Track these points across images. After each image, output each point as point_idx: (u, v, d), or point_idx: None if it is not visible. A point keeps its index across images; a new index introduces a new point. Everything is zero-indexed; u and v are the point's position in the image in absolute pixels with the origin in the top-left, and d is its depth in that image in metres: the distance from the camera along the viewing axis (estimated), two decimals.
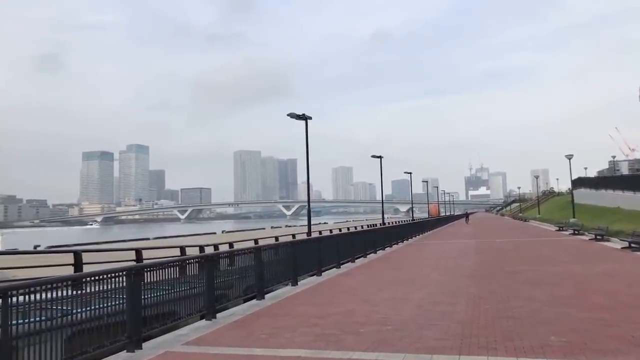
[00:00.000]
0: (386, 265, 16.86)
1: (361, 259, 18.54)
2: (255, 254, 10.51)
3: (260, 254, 10.56)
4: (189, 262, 8.56)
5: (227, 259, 9.78)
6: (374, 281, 12.66)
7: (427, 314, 8.29)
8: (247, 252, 10.38)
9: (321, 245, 14.69)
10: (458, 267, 15.34)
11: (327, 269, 14.96)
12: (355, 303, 9.50)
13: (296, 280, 12.25)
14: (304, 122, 23.68)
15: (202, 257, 8.89)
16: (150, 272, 7.19)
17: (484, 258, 17.99)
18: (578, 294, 9.79)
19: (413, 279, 12.87)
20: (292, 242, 12.79)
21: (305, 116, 23.66)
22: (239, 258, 10.18)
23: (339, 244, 16.54)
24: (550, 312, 8.05)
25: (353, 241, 18.48)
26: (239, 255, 10.21)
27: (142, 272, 6.95)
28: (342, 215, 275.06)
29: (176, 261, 8.16)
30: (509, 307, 8.57)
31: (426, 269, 14.93)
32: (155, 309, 7.04)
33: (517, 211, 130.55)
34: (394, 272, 14.70)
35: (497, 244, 25.88)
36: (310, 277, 13.51)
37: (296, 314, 8.68)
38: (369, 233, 22.92)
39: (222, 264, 9.52)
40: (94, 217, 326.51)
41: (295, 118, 23.81)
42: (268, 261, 11.03)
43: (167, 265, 7.69)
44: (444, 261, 17.29)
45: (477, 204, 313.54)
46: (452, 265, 15.78)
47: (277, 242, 13.17)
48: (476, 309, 8.53)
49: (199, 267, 8.53)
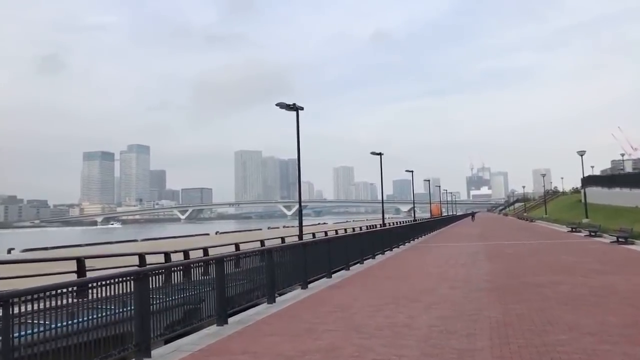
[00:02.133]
0: (386, 274, 14.53)
1: (357, 266, 16.25)
2: (216, 266, 8.21)
3: (222, 266, 8.26)
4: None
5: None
6: (370, 297, 10.33)
7: (439, 354, 5.98)
8: (198, 266, 8.06)
9: (308, 252, 12.38)
10: (470, 277, 13.02)
11: (316, 279, 12.67)
12: (342, 332, 7.20)
13: (273, 297, 9.96)
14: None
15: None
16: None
17: (498, 265, 15.66)
18: (638, 319, 7.47)
19: (418, 294, 10.54)
20: (270, 249, 10.48)
21: (296, 106, 21.37)
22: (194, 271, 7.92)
23: (331, 249, 14.22)
24: (616, 353, 5.73)
25: (347, 245, 16.15)
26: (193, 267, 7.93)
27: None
28: (343, 215, 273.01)
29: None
30: (550, 343, 6.25)
31: (433, 280, 12.61)
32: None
33: (521, 211, 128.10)
34: (395, 284, 12.37)
35: (508, 247, 23.54)
36: (293, 291, 11.22)
37: (260, 350, 6.39)
38: (366, 235, 20.56)
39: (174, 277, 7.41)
40: (94, 217, 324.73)
41: (285, 108, 21.53)
42: (233, 274, 8.74)
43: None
44: (452, 269, 14.96)
45: (478, 203, 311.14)
46: (463, 275, 13.46)
47: (245, 251, 10.84)
48: (505, 346, 6.21)
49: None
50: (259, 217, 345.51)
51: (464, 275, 13.40)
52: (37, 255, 27.14)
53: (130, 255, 14.13)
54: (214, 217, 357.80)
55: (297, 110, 21.56)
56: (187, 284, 7.70)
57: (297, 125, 21.21)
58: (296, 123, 21.35)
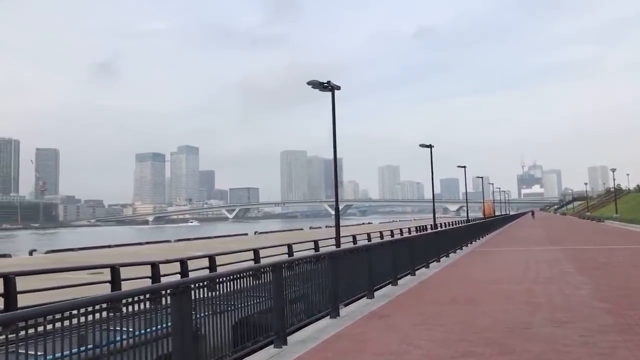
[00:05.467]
0: (448, 294, 10.77)
1: (407, 279, 12.64)
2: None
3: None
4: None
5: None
6: (432, 339, 6.69)
7: None
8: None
9: (340, 265, 8.92)
10: (572, 301, 9.12)
11: (351, 301, 9.24)
12: None
13: (281, 337, 6.56)
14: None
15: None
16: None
17: (602, 282, 11.55)
18: None
19: (507, 335, 6.81)
20: (280, 265, 7.05)
21: (332, 85, 17.96)
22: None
23: (373, 260, 10.62)
24: None
25: (395, 253, 12.38)
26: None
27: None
28: (388, 215, 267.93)
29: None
30: None
31: (519, 306, 8.78)
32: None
33: (582, 210, 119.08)
34: (465, 312, 8.60)
35: (596, 253, 19.14)
36: (317, 322, 7.79)
37: None
38: (418, 240, 16.62)
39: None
40: (146, 216, 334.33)
41: (319, 88, 18.17)
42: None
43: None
44: (539, 287, 11.02)
45: (530, 203, 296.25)
46: (559, 298, 9.55)
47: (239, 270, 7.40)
48: None
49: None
50: (305, 216, 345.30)
51: (562, 298, 9.50)
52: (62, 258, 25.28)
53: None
54: (260, 216, 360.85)
55: (332, 90, 18.16)
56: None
57: (332, 106, 17.82)
58: (332, 104, 17.95)
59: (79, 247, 30.65)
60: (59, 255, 26.58)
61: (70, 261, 22.60)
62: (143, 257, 19.41)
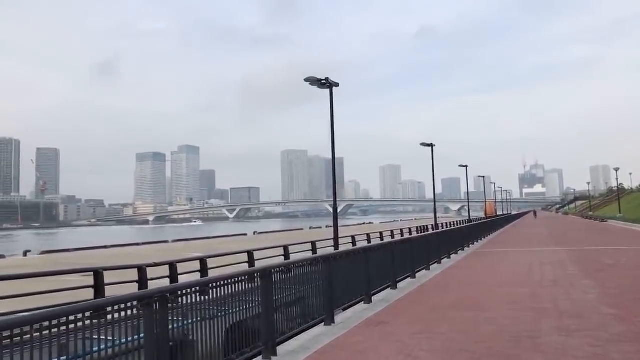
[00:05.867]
0: (449, 299, 10.34)
1: (407, 282, 12.20)
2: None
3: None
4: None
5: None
6: (432, 351, 6.28)
7: None
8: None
9: (334, 269, 8.48)
10: (580, 306, 8.65)
11: (348, 306, 8.80)
12: None
13: (270, 348, 6.12)
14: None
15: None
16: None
17: (610, 285, 11.05)
18: None
19: (512, 345, 6.34)
20: (270, 270, 6.61)
21: (330, 81, 17.50)
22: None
23: (371, 263, 10.20)
24: None
25: (394, 255, 11.90)
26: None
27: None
28: (390, 215, 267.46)
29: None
30: None
31: (524, 312, 8.31)
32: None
33: (584, 209, 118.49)
34: (468, 320, 8.15)
35: (602, 255, 18.68)
36: (310, 330, 7.35)
37: None
38: (418, 241, 16.17)
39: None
40: (147, 216, 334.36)
41: (317, 85, 17.73)
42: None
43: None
44: (545, 291, 10.54)
45: (532, 202, 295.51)
46: (566, 303, 9.08)
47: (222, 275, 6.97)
48: None
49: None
50: (306, 215, 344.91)
51: (569, 304, 9.04)
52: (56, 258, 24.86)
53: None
54: (261, 216, 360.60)
55: (330, 87, 17.71)
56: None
57: (331, 103, 17.36)
58: (330, 101, 17.50)
59: (75, 248, 30.22)
60: (53, 256, 26.15)
61: (64, 262, 22.19)
62: (140, 258, 18.99)
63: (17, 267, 18.44)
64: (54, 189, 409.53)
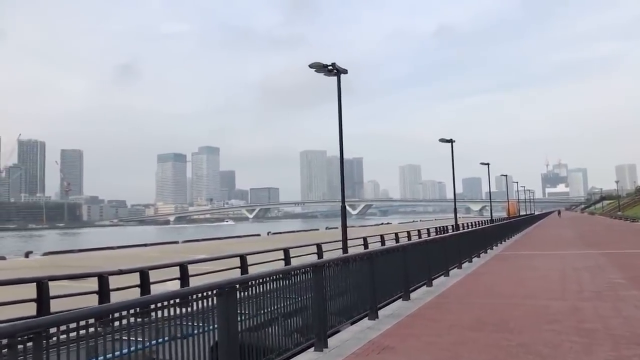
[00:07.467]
0: (472, 317, 8.63)
1: (422, 290, 10.55)
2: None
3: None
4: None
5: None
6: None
7: None
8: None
9: (331, 279, 6.93)
10: (636, 330, 6.89)
11: (352, 322, 7.22)
12: None
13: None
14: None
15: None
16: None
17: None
18: None
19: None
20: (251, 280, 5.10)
21: (337, 68, 15.90)
22: None
23: (377, 270, 8.60)
24: None
25: (407, 260, 10.25)
26: None
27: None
28: (409, 215, 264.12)
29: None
30: None
31: (568, 337, 6.59)
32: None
33: (612, 209, 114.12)
34: (496, 346, 6.51)
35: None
36: (299, 355, 5.80)
37: None
38: (434, 244, 14.34)
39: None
40: (168, 216, 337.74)
41: (324, 72, 16.16)
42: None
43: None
44: (587, 304, 8.76)
45: (555, 202, 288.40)
46: (617, 325, 7.29)
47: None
48: None
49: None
50: (325, 216, 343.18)
51: (622, 323, 7.27)
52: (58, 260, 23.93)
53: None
54: (280, 216, 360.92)
55: (338, 74, 16.14)
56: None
57: (338, 91, 15.79)
58: (337, 89, 15.93)
59: (79, 249, 29.32)
60: (56, 258, 25.20)
61: (64, 264, 21.16)
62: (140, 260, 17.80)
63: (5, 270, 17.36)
64: (78, 190, 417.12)
